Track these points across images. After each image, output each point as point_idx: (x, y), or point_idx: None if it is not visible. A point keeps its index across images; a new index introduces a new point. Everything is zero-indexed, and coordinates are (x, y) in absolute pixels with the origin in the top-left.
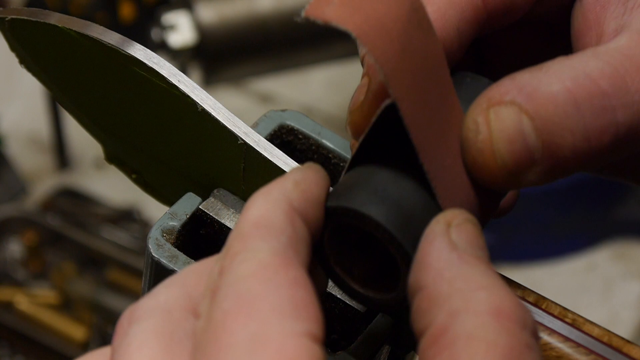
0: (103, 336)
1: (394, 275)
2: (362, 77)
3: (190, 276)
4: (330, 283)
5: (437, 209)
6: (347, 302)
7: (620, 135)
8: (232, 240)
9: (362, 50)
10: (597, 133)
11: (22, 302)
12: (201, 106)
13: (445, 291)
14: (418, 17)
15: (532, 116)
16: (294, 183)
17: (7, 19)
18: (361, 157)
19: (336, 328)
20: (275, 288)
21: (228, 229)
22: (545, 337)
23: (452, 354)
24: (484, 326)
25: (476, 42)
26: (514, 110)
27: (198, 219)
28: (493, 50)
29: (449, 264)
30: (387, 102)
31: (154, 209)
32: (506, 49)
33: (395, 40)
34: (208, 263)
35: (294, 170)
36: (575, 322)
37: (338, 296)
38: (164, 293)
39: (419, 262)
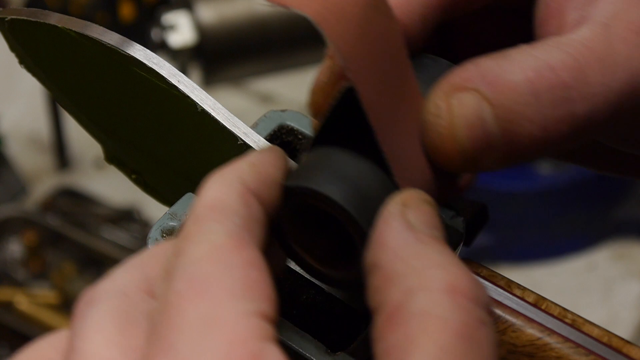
0: None
1: (352, 253)
2: (325, 59)
3: (148, 259)
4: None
5: (394, 189)
6: (347, 302)
7: (578, 126)
8: (187, 223)
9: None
10: (555, 123)
11: (22, 302)
12: (201, 106)
13: (400, 269)
14: (377, 1)
15: (493, 104)
16: (249, 165)
17: (6, 19)
18: (321, 138)
19: (336, 328)
20: (228, 269)
21: None
22: (545, 337)
23: (406, 330)
24: (437, 303)
25: (441, 27)
26: (475, 96)
27: None
28: (458, 35)
29: (405, 243)
30: (345, 84)
31: (154, 209)
32: (471, 35)
33: (354, 24)
34: (166, 246)
35: (251, 152)
36: (575, 322)
37: (338, 297)
38: (121, 275)
39: (375, 241)
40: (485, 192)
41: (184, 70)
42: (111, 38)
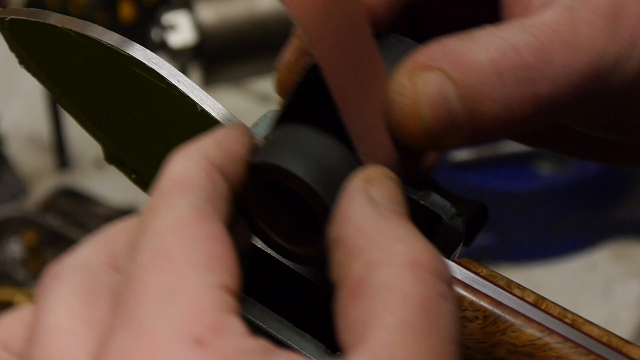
0: None
1: (316, 229)
2: (292, 38)
3: (113, 234)
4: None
5: (358, 165)
6: None
7: (541, 107)
8: (152, 198)
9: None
10: (518, 103)
11: (22, 302)
12: (201, 106)
13: (363, 244)
14: None
15: (457, 83)
16: (214, 141)
17: (6, 19)
18: (286, 115)
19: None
20: (191, 242)
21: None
22: (545, 337)
23: (368, 303)
24: (399, 276)
25: (409, 8)
26: (439, 76)
27: None
28: (425, 17)
29: (367, 218)
30: (309, 61)
31: None
32: (438, 16)
33: (319, 3)
34: (131, 221)
35: (216, 129)
36: (575, 322)
37: None
38: (86, 250)
39: (338, 216)
40: (485, 192)
41: (184, 70)
42: (111, 38)
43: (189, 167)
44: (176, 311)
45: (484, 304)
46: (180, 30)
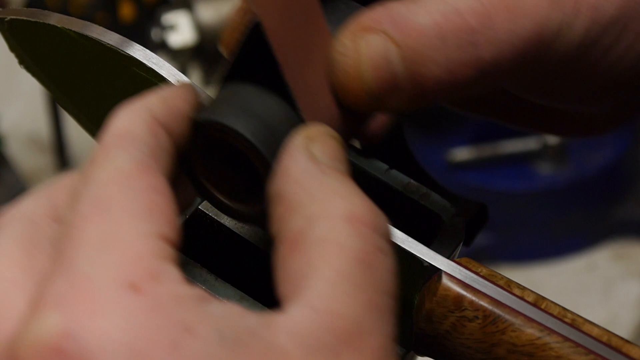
0: None
1: (259, 187)
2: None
3: (56, 187)
4: None
5: (300, 124)
6: None
7: (483, 71)
8: (95, 151)
9: None
10: (460, 66)
11: None
12: None
13: (302, 198)
14: None
15: (400, 45)
16: (159, 97)
17: (6, 19)
18: (231, 75)
19: None
20: (131, 192)
21: (228, 229)
22: (544, 337)
23: (306, 257)
24: (337, 230)
25: None
26: (382, 38)
27: (197, 219)
28: None
29: (307, 173)
30: (253, 20)
31: None
32: None
33: None
34: (74, 175)
35: (162, 87)
36: (575, 322)
37: None
38: (28, 203)
39: (279, 171)
40: (485, 192)
41: (184, 70)
42: (111, 38)
43: (132, 121)
44: (113, 258)
45: (483, 303)
46: (180, 30)
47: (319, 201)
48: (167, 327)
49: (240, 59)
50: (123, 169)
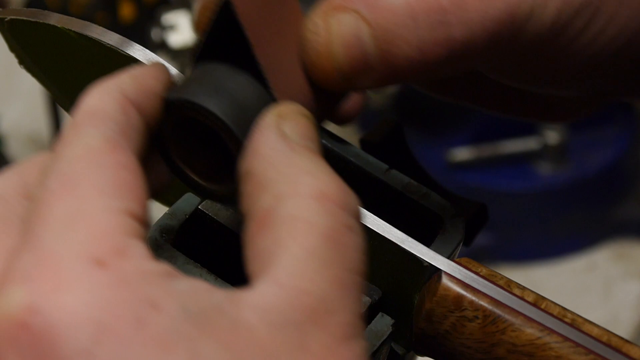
0: None
1: (231, 167)
2: None
3: (27, 166)
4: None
5: (272, 102)
6: None
7: (455, 51)
8: (66, 130)
9: None
10: (431, 46)
11: None
12: None
13: (272, 176)
14: None
15: (371, 24)
16: (130, 76)
17: (6, 19)
18: (202, 54)
19: None
20: (100, 169)
21: (227, 230)
22: (544, 337)
23: (274, 234)
24: (306, 208)
25: None
26: (354, 17)
27: (197, 219)
28: None
29: (278, 151)
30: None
31: (153, 209)
32: None
33: None
34: (46, 154)
35: (134, 66)
36: (575, 322)
37: None
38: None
39: (250, 149)
40: (485, 192)
41: (183, 70)
42: (111, 38)
43: (102, 99)
44: (79, 233)
45: (483, 303)
46: (180, 30)
47: (289, 179)
48: (132, 302)
49: (211, 38)
50: (92, 145)
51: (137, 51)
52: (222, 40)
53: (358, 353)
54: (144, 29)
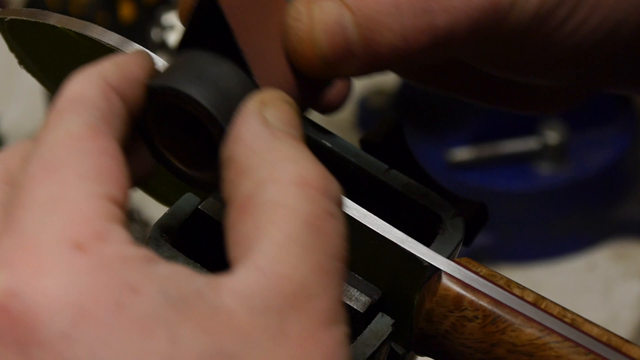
0: None
1: (214, 154)
2: None
3: (10, 152)
4: None
5: (254, 89)
6: (347, 302)
7: (438, 39)
8: (48, 116)
9: None
10: (415, 33)
11: None
12: None
13: (253, 162)
14: None
15: (354, 11)
16: (113, 63)
17: (6, 19)
18: (186, 42)
19: None
20: (81, 155)
21: None
22: (544, 336)
23: (255, 220)
24: (287, 194)
25: None
26: (336, 4)
27: (197, 219)
28: None
29: (259, 137)
30: None
31: (154, 209)
32: None
33: None
34: (28, 141)
35: (117, 54)
36: (575, 321)
37: None
38: None
39: (232, 135)
40: (485, 192)
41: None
42: (111, 38)
43: (84, 86)
44: (59, 218)
45: (483, 303)
46: (180, 30)
47: (270, 165)
48: (112, 286)
49: (194, 26)
50: (73, 131)
51: None
52: (205, 28)
53: (339, 338)
54: (144, 29)
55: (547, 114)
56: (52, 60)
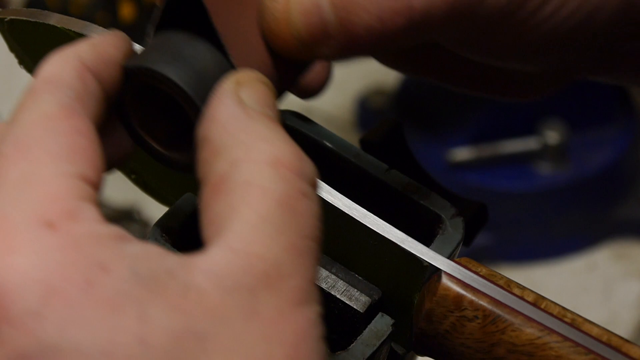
0: None
1: (191, 135)
2: None
3: None
4: (325, 283)
5: (231, 69)
6: (347, 302)
7: (414, 21)
8: (23, 96)
9: None
10: (391, 15)
11: None
12: None
13: (228, 142)
14: None
15: None
16: (89, 44)
17: (6, 19)
18: (162, 23)
19: (336, 328)
20: (54, 134)
21: None
22: (544, 336)
23: (229, 199)
24: (261, 174)
25: None
26: None
27: (197, 219)
28: None
29: (234, 117)
30: None
31: (154, 209)
32: None
33: None
34: (4, 122)
35: (94, 35)
36: (575, 321)
37: (337, 296)
38: None
39: (207, 115)
40: (485, 192)
41: None
42: None
43: (59, 67)
44: (30, 197)
45: (483, 303)
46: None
47: (244, 145)
48: (82, 264)
49: (170, 7)
50: (47, 111)
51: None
52: (181, 9)
53: (311, 318)
54: (144, 29)
55: (524, 100)
56: None
